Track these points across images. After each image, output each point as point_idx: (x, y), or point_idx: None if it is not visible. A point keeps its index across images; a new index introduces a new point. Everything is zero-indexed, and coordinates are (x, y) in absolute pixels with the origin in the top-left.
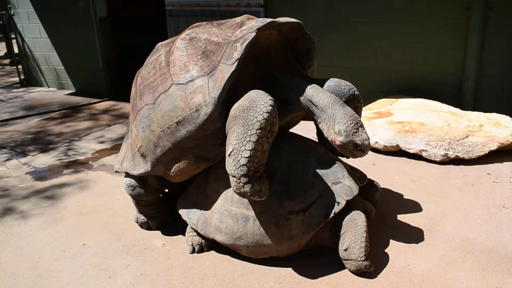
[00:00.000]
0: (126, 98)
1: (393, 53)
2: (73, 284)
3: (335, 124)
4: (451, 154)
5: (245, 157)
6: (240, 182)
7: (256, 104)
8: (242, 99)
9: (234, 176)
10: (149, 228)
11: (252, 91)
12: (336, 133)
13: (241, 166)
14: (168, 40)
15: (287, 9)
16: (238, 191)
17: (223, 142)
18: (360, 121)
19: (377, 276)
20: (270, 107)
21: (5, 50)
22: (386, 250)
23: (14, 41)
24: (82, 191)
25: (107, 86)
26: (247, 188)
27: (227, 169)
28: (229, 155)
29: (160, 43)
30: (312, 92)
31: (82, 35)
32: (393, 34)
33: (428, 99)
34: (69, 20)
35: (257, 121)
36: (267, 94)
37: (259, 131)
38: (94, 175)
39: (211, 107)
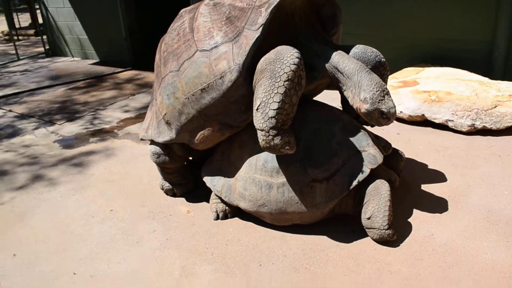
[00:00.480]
0: (149, 67)
1: (421, 21)
2: (102, 248)
3: (361, 92)
4: (478, 124)
5: (273, 109)
6: (269, 135)
7: (283, 56)
8: (268, 53)
9: (262, 130)
10: (174, 195)
11: (278, 46)
12: (361, 100)
13: (270, 119)
14: (192, 6)
15: None
16: (268, 145)
17: (247, 109)
18: (386, 88)
19: (400, 245)
20: (297, 59)
21: (29, 21)
22: (409, 220)
23: (38, 11)
24: (108, 158)
25: (130, 56)
26: (277, 140)
27: (255, 124)
28: (257, 109)
29: (184, 9)
30: (338, 58)
31: (105, 4)
32: (421, 0)
33: (455, 68)
34: None
35: (284, 72)
36: (293, 48)
37: (286, 82)
38: (119, 143)
39: (236, 73)
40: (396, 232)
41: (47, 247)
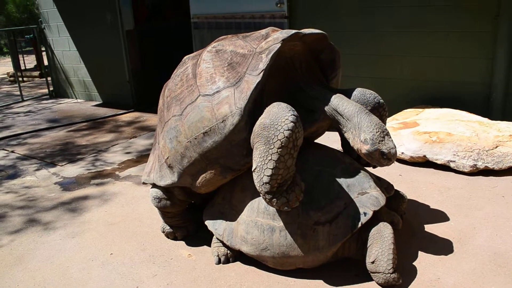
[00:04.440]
0: (151, 109)
1: (419, 63)
2: None
3: (361, 133)
4: (480, 164)
5: (267, 175)
6: (265, 198)
7: (277, 121)
8: (264, 115)
9: (260, 192)
10: (175, 238)
11: (274, 105)
12: (362, 141)
13: (264, 184)
14: (195, 53)
15: (311, 20)
16: (268, 204)
17: (249, 152)
18: (386, 129)
19: None
20: (292, 124)
21: (35, 63)
22: (414, 263)
23: (44, 53)
24: (109, 201)
25: (133, 98)
26: (273, 203)
27: (254, 183)
28: (253, 171)
29: (187, 56)
30: (337, 101)
31: (109, 48)
32: (419, 43)
33: (455, 109)
34: (97, 33)
35: (278, 139)
36: (289, 109)
37: (280, 149)
38: (120, 186)
39: (237, 117)
40: (402, 276)
41: None
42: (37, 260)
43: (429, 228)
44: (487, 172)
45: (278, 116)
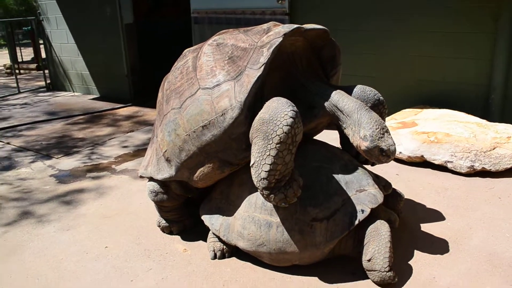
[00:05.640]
0: (149, 104)
1: (419, 63)
2: (95, 286)
3: (361, 129)
4: (478, 166)
5: (265, 171)
6: (263, 194)
7: (276, 117)
8: (263, 109)
9: (258, 188)
10: (170, 232)
11: (274, 99)
12: (361, 138)
13: (262, 180)
14: (195, 46)
15: (312, 17)
16: (266, 200)
17: (248, 146)
18: (385, 126)
19: None
20: (291, 119)
21: (32, 55)
22: (410, 262)
23: (41, 46)
24: (104, 194)
25: (131, 92)
26: (271, 198)
27: (252, 178)
28: (251, 166)
29: (187, 49)
30: (337, 97)
31: (108, 41)
32: (419, 43)
33: (453, 110)
34: (96, 26)
35: (277, 135)
36: (289, 104)
37: (278, 145)
38: (116, 179)
39: (237, 111)
40: (397, 275)
41: (37, 283)
42: (30, 252)
43: (426, 227)
44: (484, 173)
45: (278, 111)
